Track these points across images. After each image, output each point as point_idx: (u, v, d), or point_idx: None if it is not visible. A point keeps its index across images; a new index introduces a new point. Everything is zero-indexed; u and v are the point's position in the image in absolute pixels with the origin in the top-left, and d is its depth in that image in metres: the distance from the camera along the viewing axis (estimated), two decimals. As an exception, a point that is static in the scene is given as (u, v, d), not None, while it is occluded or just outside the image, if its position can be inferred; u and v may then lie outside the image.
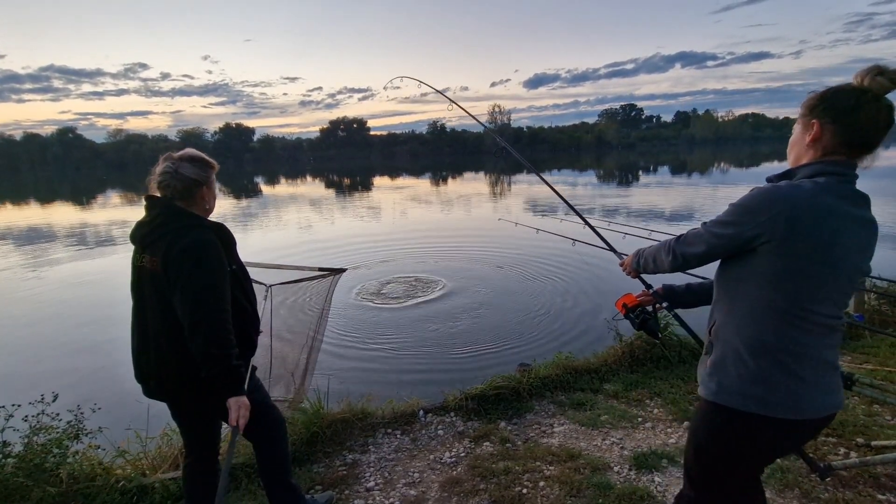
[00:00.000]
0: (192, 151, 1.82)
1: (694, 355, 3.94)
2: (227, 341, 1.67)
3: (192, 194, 1.78)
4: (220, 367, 1.65)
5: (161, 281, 1.69)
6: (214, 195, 1.90)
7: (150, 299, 1.74)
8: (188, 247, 1.66)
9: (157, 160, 1.81)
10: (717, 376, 1.36)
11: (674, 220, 13.10)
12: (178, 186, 1.75)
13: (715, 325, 1.41)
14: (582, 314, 6.13)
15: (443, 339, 5.49)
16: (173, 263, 1.66)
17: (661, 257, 1.55)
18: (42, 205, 25.92)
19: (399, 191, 28.24)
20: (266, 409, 2.01)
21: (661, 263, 1.57)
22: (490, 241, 10.73)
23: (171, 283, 1.67)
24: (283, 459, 2.07)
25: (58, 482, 2.28)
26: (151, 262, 1.71)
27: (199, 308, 1.63)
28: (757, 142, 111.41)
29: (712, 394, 1.37)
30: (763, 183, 1.34)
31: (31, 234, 14.44)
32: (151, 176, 1.79)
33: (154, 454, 2.72)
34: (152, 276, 1.71)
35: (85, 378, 4.93)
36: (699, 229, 1.40)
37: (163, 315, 1.72)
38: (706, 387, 1.41)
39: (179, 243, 1.67)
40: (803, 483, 2.35)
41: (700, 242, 1.38)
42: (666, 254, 1.51)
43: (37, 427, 2.38)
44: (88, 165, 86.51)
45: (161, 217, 1.73)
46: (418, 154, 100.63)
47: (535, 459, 2.66)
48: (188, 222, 1.74)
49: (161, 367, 1.76)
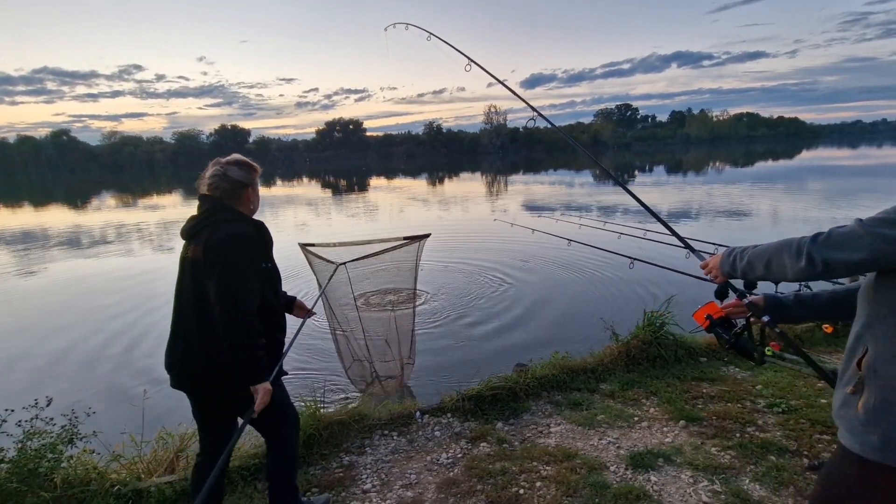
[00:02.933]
0: (237, 156, 2.00)
1: (690, 354, 3.96)
2: (253, 329, 1.78)
3: (239, 194, 1.95)
4: (247, 354, 1.75)
5: (199, 268, 1.81)
6: (258, 196, 2.05)
7: (188, 289, 1.86)
8: (228, 236, 1.81)
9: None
10: (883, 426, 1.05)
11: (671, 219, 13.15)
12: (226, 187, 1.92)
13: (869, 355, 1.10)
14: (579, 313, 6.14)
15: (440, 339, 5.49)
16: (212, 249, 1.79)
17: (783, 261, 1.22)
18: (35, 208, 25.76)
19: (395, 192, 28.22)
20: (284, 407, 2.08)
21: (781, 269, 1.23)
22: (486, 242, 10.74)
23: (208, 268, 1.78)
24: (293, 459, 2.14)
25: (52, 487, 2.26)
26: (194, 250, 1.85)
27: (230, 293, 1.75)
28: (752, 141, 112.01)
29: (876, 450, 1.06)
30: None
31: (24, 237, 14.35)
32: (202, 179, 1.95)
33: (149, 458, 2.71)
34: (193, 263, 1.84)
35: (80, 382, 4.90)
36: (853, 228, 1.09)
37: (195, 303, 1.83)
38: (864, 440, 1.08)
39: (220, 232, 1.81)
40: (798, 481, 2.36)
41: (857, 247, 1.07)
42: (795, 257, 1.18)
43: (31, 432, 2.36)
44: (83, 168, 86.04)
45: (208, 211, 1.90)
46: (414, 155, 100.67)
47: (532, 460, 2.67)
48: (231, 216, 1.89)
49: (186, 356, 1.85)
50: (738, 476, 2.44)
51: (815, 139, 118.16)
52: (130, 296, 7.60)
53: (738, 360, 3.95)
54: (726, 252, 1.43)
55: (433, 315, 6.24)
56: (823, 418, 2.90)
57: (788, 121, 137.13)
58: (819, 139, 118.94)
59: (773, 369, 3.58)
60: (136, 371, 5.03)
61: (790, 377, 3.49)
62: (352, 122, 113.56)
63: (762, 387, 3.40)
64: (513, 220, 5.81)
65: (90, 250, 12.02)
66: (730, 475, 2.44)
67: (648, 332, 3.91)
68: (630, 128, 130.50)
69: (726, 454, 2.63)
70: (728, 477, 2.43)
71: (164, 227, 15.84)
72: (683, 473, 2.48)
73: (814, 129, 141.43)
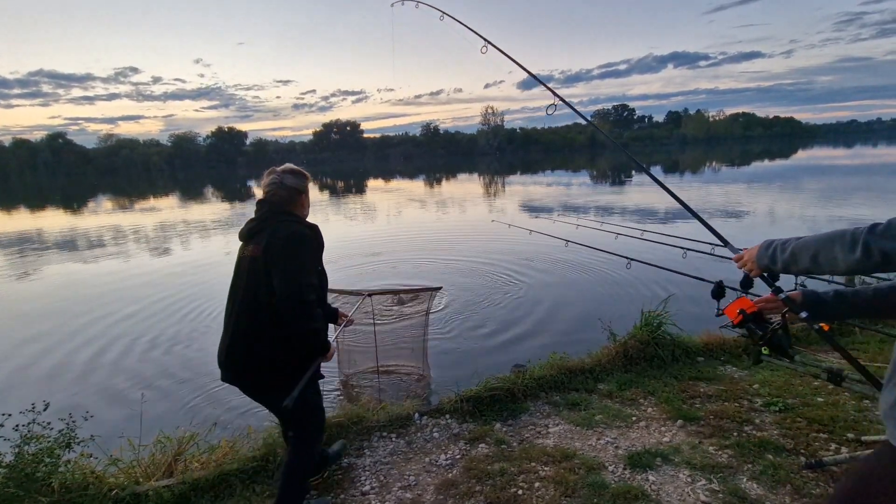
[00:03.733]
0: (291, 165, 2.20)
1: (687, 354, 3.97)
2: (317, 314, 2.00)
3: (294, 200, 2.15)
4: (314, 337, 2.00)
5: (257, 265, 1.96)
6: (309, 202, 2.26)
7: (242, 284, 2.01)
8: (290, 235, 1.98)
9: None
10: None
11: (667, 218, 13.17)
12: (283, 194, 2.12)
13: None
14: (576, 314, 6.16)
15: (438, 340, 5.49)
16: (274, 247, 1.95)
17: (833, 253, 1.15)
18: (32, 211, 25.66)
19: (393, 193, 28.22)
20: (315, 410, 2.23)
21: (831, 261, 1.16)
22: (484, 243, 10.75)
23: (269, 264, 1.94)
24: (309, 460, 2.24)
25: (49, 492, 2.25)
26: (253, 249, 2.01)
27: (295, 284, 1.90)
28: (748, 141, 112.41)
29: None
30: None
31: (19, 241, 14.29)
32: (260, 187, 2.18)
33: (147, 462, 2.70)
34: (251, 261, 2.00)
35: (77, 386, 4.88)
36: None
37: (249, 301, 1.98)
38: None
39: (282, 232, 1.98)
40: (795, 479, 2.37)
41: None
42: (849, 248, 1.11)
43: (28, 436, 2.35)
44: (79, 171, 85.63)
45: (267, 214, 2.08)
46: (412, 156, 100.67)
47: (531, 460, 2.67)
48: (289, 218, 2.08)
49: (232, 347, 2.00)
50: (735, 475, 2.45)
51: (811, 139, 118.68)
52: (127, 298, 7.58)
53: (734, 359, 3.97)
54: (764, 244, 1.35)
55: (430, 317, 6.23)
56: (820, 417, 2.91)
57: (784, 121, 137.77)
58: (815, 139, 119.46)
59: (770, 368, 3.59)
60: (133, 375, 5.02)
61: (787, 376, 3.51)
62: (349, 124, 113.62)
63: (759, 386, 3.42)
64: (510, 221, 5.82)
65: (87, 253, 11.97)
66: (727, 474, 2.45)
67: (646, 332, 3.92)
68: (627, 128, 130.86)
69: (724, 453, 2.64)
70: (725, 476, 2.44)
71: (161, 230, 15.81)
72: (681, 473, 2.49)
73: (809, 129, 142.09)
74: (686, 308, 5.05)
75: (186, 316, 6.66)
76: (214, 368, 2.10)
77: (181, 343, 5.73)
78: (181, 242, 13.13)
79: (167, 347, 5.64)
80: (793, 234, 1.29)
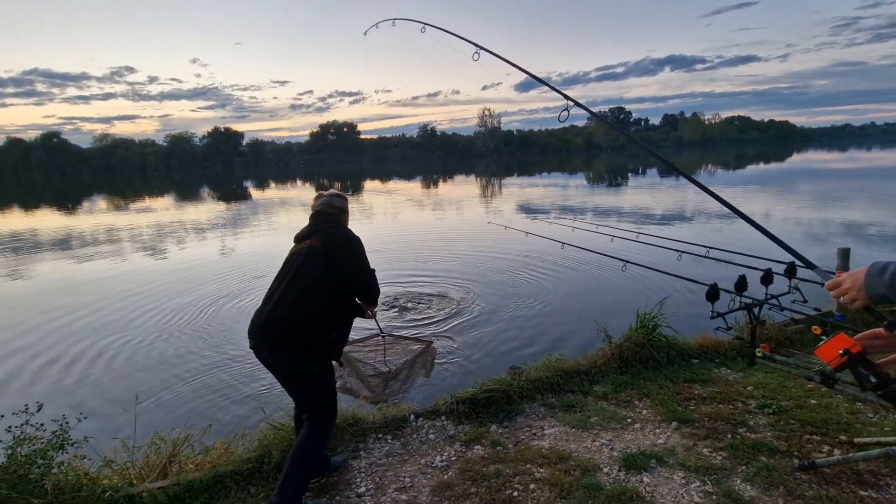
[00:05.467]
0: (335, 190, 2.67)
1: (682, 356, 3.99)
2: (378, 290, 2.55)
3: (340, 217, 2.61)
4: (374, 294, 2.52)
5: (316, 252, 2.36)
6: (349, 218, 2.70)
7: (293, 268, 2.35)
8: (348, 234, 2.46)
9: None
10: None
11: (664, 221, 13.22)
12: (332, 211, 2.59)
13: None
14: (572, 316, 6.17)
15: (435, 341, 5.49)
16: (337, 244, 2.39)
17: None
18: (26, 211, 25.50)
19: (390, 194, 28.21)
20: (333, 395, 2.44)
21: None
22: (480, 245, 10.76)
23: (332, 258, 2.35)
24: (320, 447, 2.36)
25: (42, 493, 2.24)
26: (311, 242, 2.41)
27: (364, 267, 2.42)
28: (743, 144, 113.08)
29: None
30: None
31: (12, 240, 14.20)
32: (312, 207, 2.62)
33: (142, 463, 2.69)
34: (308, 250, 2.38)
35: (70, 387, 4.85)
36: None
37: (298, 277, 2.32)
38: None
39: (341, 233, 2.45)
40: (788, 481, 2.39)
41: None
42: None
43: (21, 437, 2.33)
44: (74, 170, 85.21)
45: (325, 221, 2.53)
46: (409, 157, 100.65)
47: (526, 462, 2.68)
48: (342, 225, 2.58)
49: (274, 313, 2.26)
50: (729, 476, 2.46)
51: (806, 142, 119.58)
52: (123, 299, 7.54)
53: (729, 361, 3.99)
54: (876, 269, 1.07)
55: (426, 319, 6.24)
56: (813, 419, 2.93)
57: (779, 124, 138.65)
58: (809, 142, 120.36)
59: (764, 370, 3.62)
60: (128, 376, 4.99)
61: (780, 378, 3.53)
62: (346, 125, 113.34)
63: (753, 388, 3.44)
64: (507, 224, 5.84)
65: (81, 251, 11.90)
66: (721, 476, 2.47)
67: (641, 334, 3.94)
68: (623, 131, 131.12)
69: (718, 455, 2.65)
70: (720, 477, 2.45)
71: (156, 230, 15.74)
72: (676, 474, 2.50)
73: (804, 133, 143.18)
74: (681, 310, 5.07)
75: (184, 317, 6.64)
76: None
77: (177, 344, 5.70)
78: (176, 243, 13.07)
79: (162, 348, 5.61)
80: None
